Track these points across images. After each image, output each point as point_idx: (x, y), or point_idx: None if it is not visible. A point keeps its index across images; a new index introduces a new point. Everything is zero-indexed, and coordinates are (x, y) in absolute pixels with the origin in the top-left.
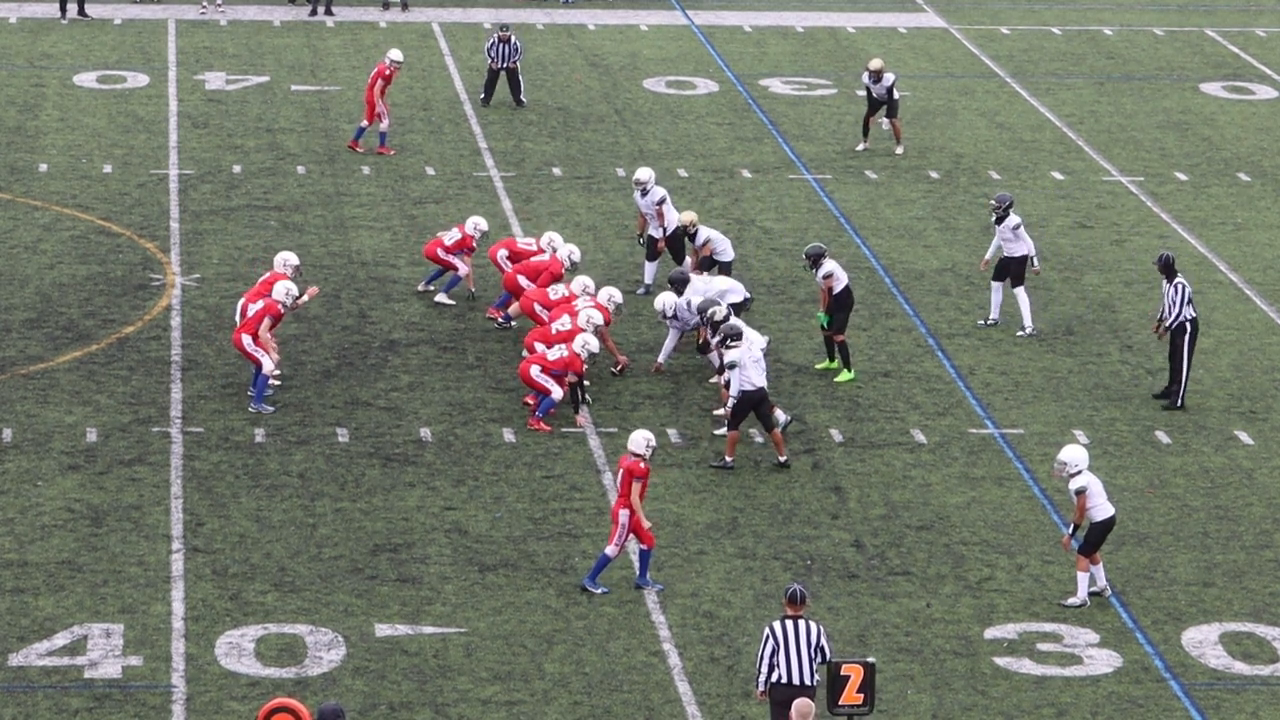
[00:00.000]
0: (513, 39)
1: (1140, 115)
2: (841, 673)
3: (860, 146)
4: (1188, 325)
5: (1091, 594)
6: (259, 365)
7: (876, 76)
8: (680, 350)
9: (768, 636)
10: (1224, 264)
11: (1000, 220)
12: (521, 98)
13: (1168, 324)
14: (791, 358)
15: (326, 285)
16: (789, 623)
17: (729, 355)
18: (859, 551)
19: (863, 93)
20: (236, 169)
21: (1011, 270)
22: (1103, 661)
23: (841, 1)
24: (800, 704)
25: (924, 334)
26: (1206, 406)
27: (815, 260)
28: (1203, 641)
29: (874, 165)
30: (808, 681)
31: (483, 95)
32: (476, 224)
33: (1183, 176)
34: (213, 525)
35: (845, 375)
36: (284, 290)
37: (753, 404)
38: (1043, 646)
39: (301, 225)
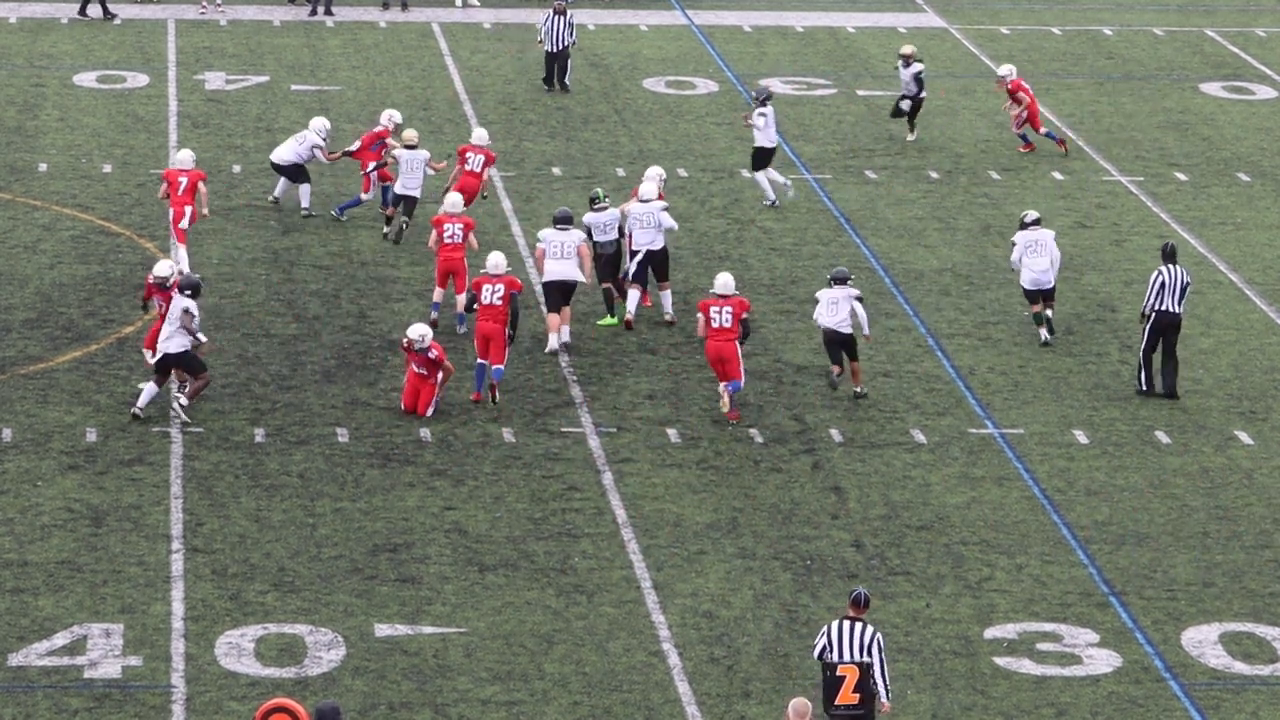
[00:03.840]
0: (569, 13)
1: (1140, 115)
2: (837, 673)
3: None
4: (1151, 315)
5: None
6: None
7: None
8: (680, 351)
9: (823, 633)
10: (1224, 264)
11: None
12: (566, 81)
13: (1143, 310)
14: (791, 358)
15: (326, 285)
16: (846, 623)
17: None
18: (859, 551)
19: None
20: (236, 169)
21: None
22: (1103, 661)
23: (842, 1)
24: (797, 704)
25: (924, 334)
26: (1206, 406)
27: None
28: (1203, 641)
29: (874, 165)
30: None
31: (545, 85)
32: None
33: (1183, 176)
34: (213, 525)
35: (609, 320)
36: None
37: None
38: (1043, 646)
39: (302, 225)
